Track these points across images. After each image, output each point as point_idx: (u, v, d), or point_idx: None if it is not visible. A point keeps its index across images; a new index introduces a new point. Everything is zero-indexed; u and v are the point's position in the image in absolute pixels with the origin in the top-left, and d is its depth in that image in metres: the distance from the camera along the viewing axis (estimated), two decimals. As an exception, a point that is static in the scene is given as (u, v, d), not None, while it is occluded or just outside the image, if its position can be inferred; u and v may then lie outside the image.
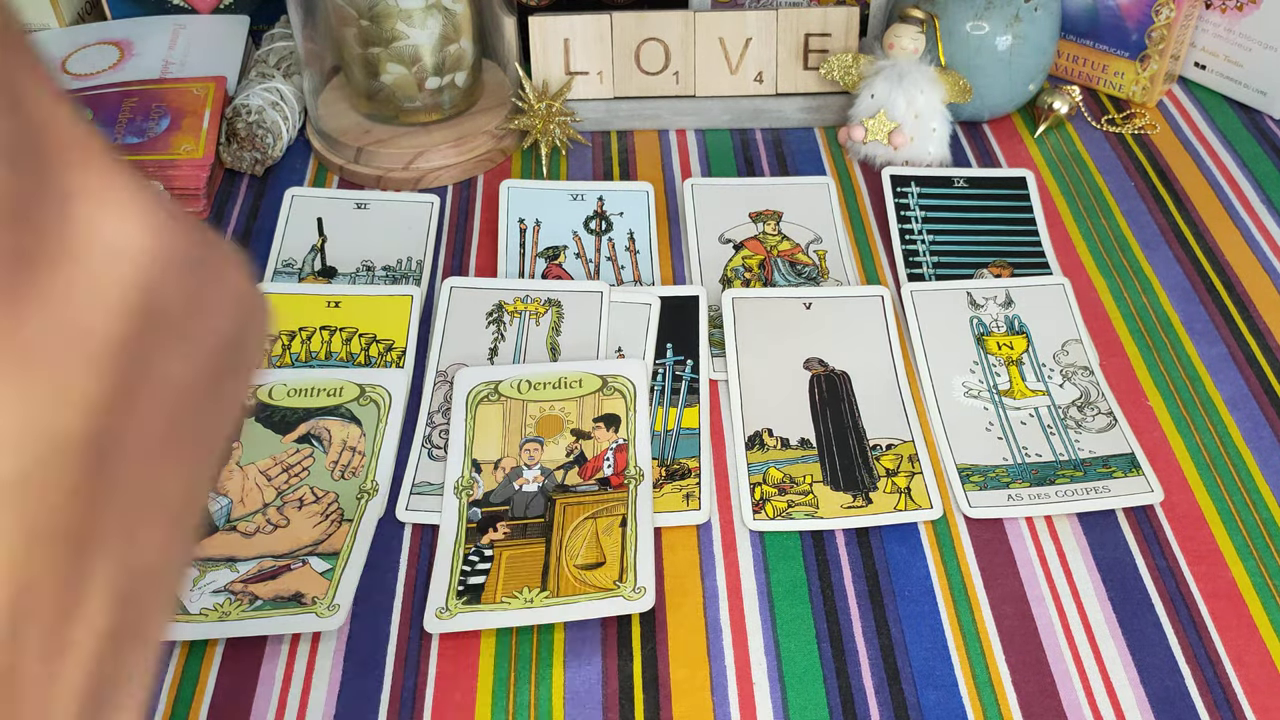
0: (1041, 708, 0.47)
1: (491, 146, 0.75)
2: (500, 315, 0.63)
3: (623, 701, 0.47)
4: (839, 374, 0.60)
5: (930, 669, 0.49)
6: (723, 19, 0.75)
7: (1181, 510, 0.55)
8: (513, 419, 0.57)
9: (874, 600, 0.51)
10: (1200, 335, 0.64)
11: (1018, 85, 0.76)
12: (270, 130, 0.73)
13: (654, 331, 0.62)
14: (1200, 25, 0.81)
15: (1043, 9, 0.74)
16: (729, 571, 0.52)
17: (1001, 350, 0.62)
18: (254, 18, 0.84)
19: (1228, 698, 0.48)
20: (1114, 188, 0.74)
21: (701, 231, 0.70)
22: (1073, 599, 0.51)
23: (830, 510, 0.54)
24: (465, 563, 0.52)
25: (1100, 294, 0.66)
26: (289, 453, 0.56)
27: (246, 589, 0.50)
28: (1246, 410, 0.60)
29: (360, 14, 0.70)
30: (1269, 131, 0.79)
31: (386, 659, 0.49)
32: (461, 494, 0.54)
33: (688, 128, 0.78)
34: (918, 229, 0.70)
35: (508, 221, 0.70)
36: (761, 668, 0.49)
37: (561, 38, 0.75)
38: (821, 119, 0.78)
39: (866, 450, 0.57)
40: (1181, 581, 0.52)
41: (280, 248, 0.68)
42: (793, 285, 0.66)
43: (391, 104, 0.74)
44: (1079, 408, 0.59)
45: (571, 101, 0.77)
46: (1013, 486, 0.55)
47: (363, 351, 0.61)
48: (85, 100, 0.74)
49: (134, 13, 0.84)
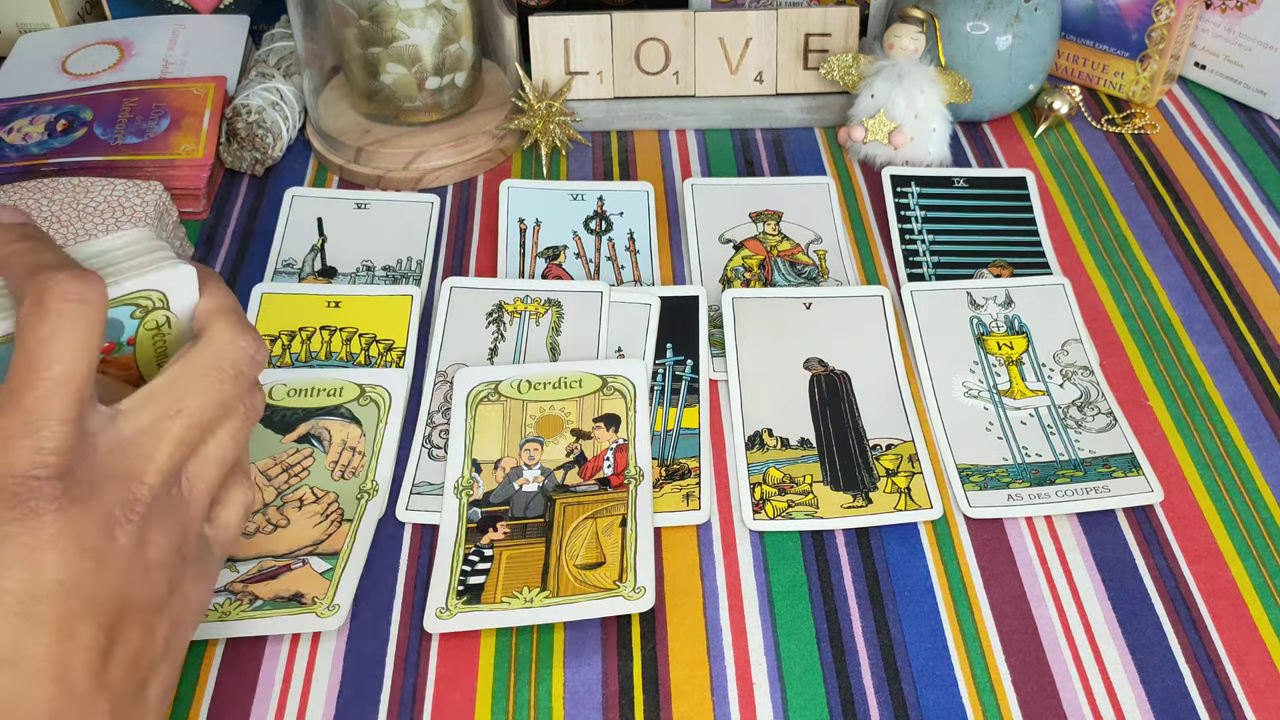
0: (1041, 708, 0.47)
1: (491, 146, 0.75)
2: (500, 315, 0.63)
3: (623, 701, 0.47)
4: (839, 374, 0.60)
5: (930, 669, 0.49)
6: (723, 19, 0.75)
7: (1181, 510, 0.55)
8: (513, 419, 0.57)
9: (874, 600, 0.51)
10: (1200, 335, 0.64)
11: (1018, 85, 0.76)
12: (270, 130, 0.73)
13: (654, 331, 0.62)
14: (1200, 25, 0.81)
15: (1043, 9, 0.74)
16: (729, 571, 0.52)
17: (1001, 350, 0.62)
18: (254, 18, 0.84)
19: (1228, 698, 0.48)
20: (1114, 188, 0.74)
21: (701, 231, 0.70)
22: (1073, 599, 0.51)
23: (830, 510, 0.54)
24: (465, 563, 0.52)
25: (1100, 294, 0.66)
26: (289, 453, 0.56)
27: (246, 589, 0.50)
28: (1246, 410, 0.60)
29: (360, 14, 0.70)
30: (1269, 131, 0.79)
31: (386, 659, 0.49)
32: (461, 494, 0.54)
33: (688, 128, 0.78)
34: (918, 229, 0.70)
35: (508, 221, 0.70)
36: (761, 668, 0.49)
37: (561, 38, 0.75)
38: (821, 119, 0.78)
39: (866, 450, 0.57)
40: (1181, 581, 0.52)
41: (280, 248, 0.68)
42: (793, 285, 0.66)
43: (391, 104, 0.74)
44: (1079, 408, 0.59)
45: (571, 101, 0.77)
46: (1013, 486, 0.55)
47: (363, 351, 0.61)
48: (85, 100, 0.74)
49: (134, 13, 0.84)
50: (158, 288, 0.40)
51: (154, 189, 0.66)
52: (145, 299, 0.40)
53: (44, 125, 0.72)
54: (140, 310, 0.40)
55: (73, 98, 0.74)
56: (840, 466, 0.56)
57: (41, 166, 0.69)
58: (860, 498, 0.55)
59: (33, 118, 0.72)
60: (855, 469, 0.56)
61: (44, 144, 0.71)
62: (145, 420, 0.37)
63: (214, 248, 0.69)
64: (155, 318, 0.40)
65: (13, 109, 0.73)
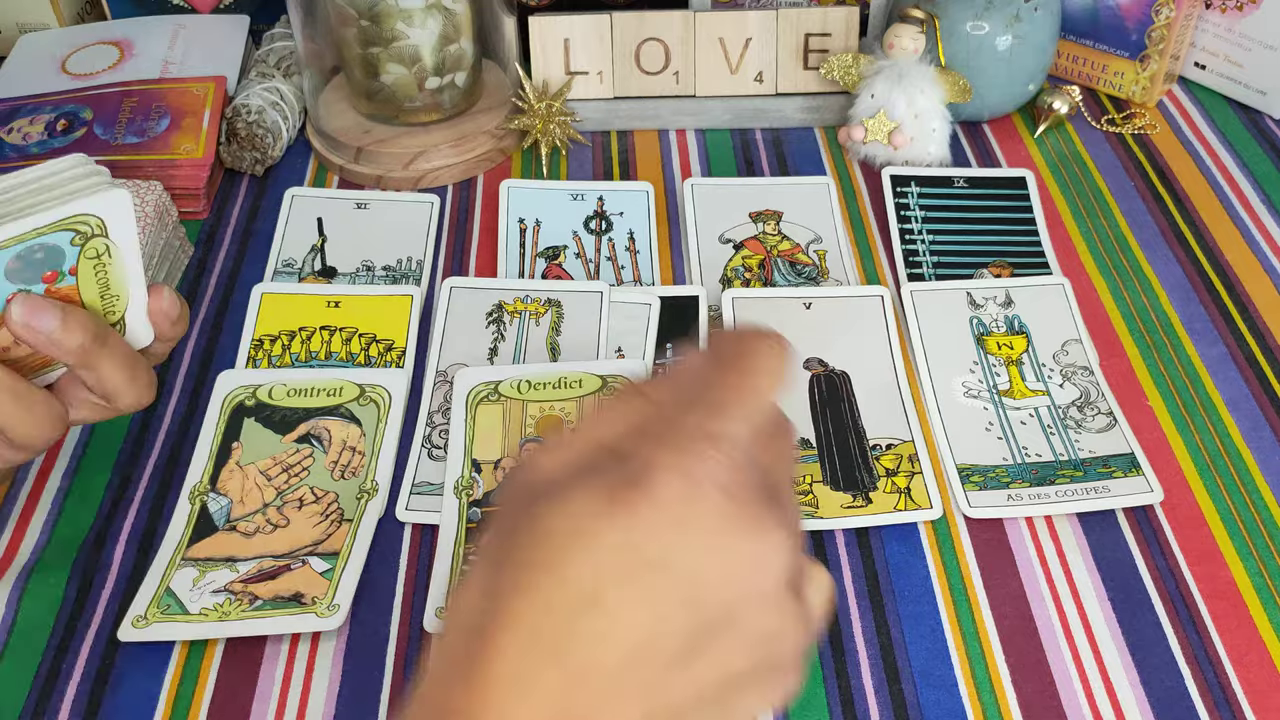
0: (1041, 708, 0.47)
1: (491, 146, 0.75)
2: (500, 315, 0.63)
3: (623, 701, 0.47)
4: (839, 374, 0.60)
5: (930, 669, 0.49)
6: (723, 19, 0.75)
7: (1181, 510, 0.55)
8: (513, 419, 0.57)
9: (874, 600, 0.51)
10: (1200, 335, 0.64)
11: (1018, 85, 0.76)
12: (270, 130, 0.73)
13: (654, 331, 0.62)
14: (1200, 25, 0.81)
15: (1043, 9, 0.74)
16: (729, 571, 0.52)
17: (1001, 350, 0.62)
18: (254, 18, 0.84)
19: (1228, 698, 0.48)
20: (1114, 188, 0.74)
21: (701, 231, 0.70)
22: (1073, 599, 0.51)
23: (830, 510, 0.54)
24: (465, 562, 0.52)
25: (1100, 294, 0.66)
26: (289, 453, 0.56)
27: (246, 589, 0.50)
28: (1246, 410, 0.60)
29: (360, 14, 0.70)
30: (1269, 131, 0.79)
31: (386, 659, 0.49)
32: (461, 494, 0.54)
33: (688, 128, 0.78)
34: (918, 229, 0.70)
35: (508, 221, 0.70)
36: (761, 668, 0.48)
37: (561, 38, 0.75)
38: (821, 119, 0.78)
39: (866, 450, 0.57)
40: (1181, 581, 0.52)
41: (280, 248, 0.68)
42: (793, 285, 0.66)
43: (391, 104, 0.74)
44: (1079, 408, 0.59)
45: (571, 101, 0.77)
46: (1013, 486, 0.55)
47: (363, 351, 0.61)
48: (85, 100, 0.74)
49: (134, 13, 0.84)
50: (95, 212, 0.40)
51: (154, 189, 0.66)
52: (84, 223, 0.40)
53: (44, 125, 0.72)
54: (80, 237, 0.40)
55: (73, 98, 0.74)
56: (840, 466, 0.56)
57: (41, 166, 0.69)
58: (860, 498, 0.55)
59: (33, 118, 0.72)
60: (855, 469, 0.56)
61: (44, 144, 0.71)
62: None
63: (214, 248, 0.69)
64: (95, 246, 0.41)
65: (13, 109, 0.73)
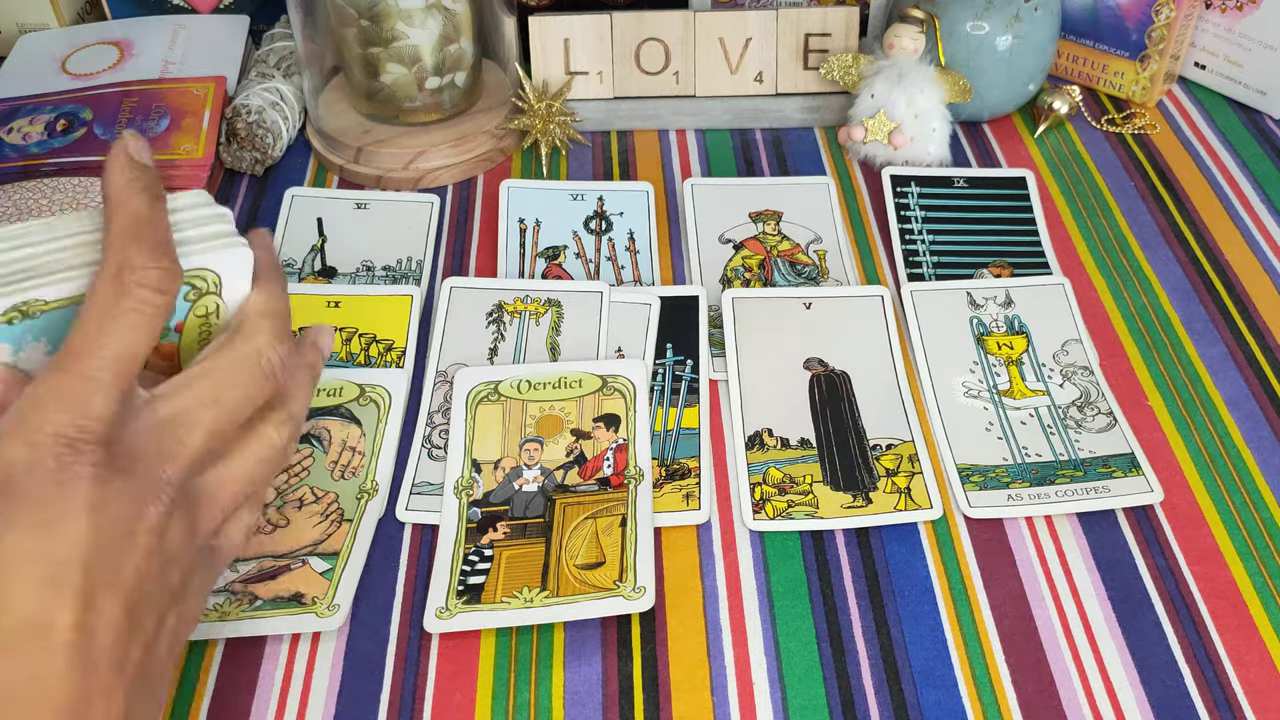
0: (1041, 708, 0.47)
1: (491, 146, 0.75)
2: (500, 315, 0.63)
3: (623, 701, 0.47)
4: (839, 374, 0.60)
5: (930, 669, 0.49)
6: (723, 19, 0.75)
7: (1181, 510, 0.55)
8: (513, 419, 0.57)
9: (874, 600, 0.51)
10: (1200, 335, 0.64)
11: (1018, 85, 0.76)
12: (270, 130, 0.73)
13: (654, 331, 0.62)
14: (1200, 25, 0.81)
15: (1043, 9, 0.74)
16: (729, 571, 0.52)
17: (1001, 350, 0.62)
18: (254, 18, 0.84)
19: (1228, 698, 0.48)
20: (1114, 188, 0.74)
21: (701, 231, 0.70)
22: (1073, 599, 0.51)
23: (830, 510, 0.54)
24: (465, 563, 0.52)
25: (1100, 294, 0.66)
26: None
27: (246, 589, 0.50)
28: (1246, 410, 0.60)
29: (360, 14, 0.70)
30: (1269, 131, 0.79)
31: (386, 659, 0.49)
32: (461, 494, 0.54)
33: (688, 128, 0.78)
34: (918, 229, 0.70)
35: (508, 221, 0.70)
36: (761, 667, 0.49)
37: (561, 38, 0.75)
38: (821, 119, 0.78)
39: (866, 450, 0.57)
40: (1181, 581, 0.52)
41: (280, 248, 0.68)
42: (793, 285, 0.66)
43: (391, 104, 0.74)
44: (1079, 408, 0.59)
45: (571, 101, 0.77)
46: (1013, 486, 0.55)
47: (362, 351, 0.61)
48: (85, 100, 0.74)
49: (134, 13, 0.84)
50: (215, 269, 0.40)
51: (154, 189, 0.65)
52: (201, 279, 0.39)
53: (44, 125, 0.72)
54: (194, 292, 0.40)
55: (73, 98, 0.74)
56: (840, 466, 0.56)
57: (41, 166, 0.69)
58: (860, 498, 0.55)
59: (33, 118, 0.72)
60: (855, 469, 0.56)
61: (44, 144, 0.71)
62: (181, 405, 0.37)
63: (214, 248, 0.69)
64: (206, 304, 0.40)
65: (13, 109, 0.73)
